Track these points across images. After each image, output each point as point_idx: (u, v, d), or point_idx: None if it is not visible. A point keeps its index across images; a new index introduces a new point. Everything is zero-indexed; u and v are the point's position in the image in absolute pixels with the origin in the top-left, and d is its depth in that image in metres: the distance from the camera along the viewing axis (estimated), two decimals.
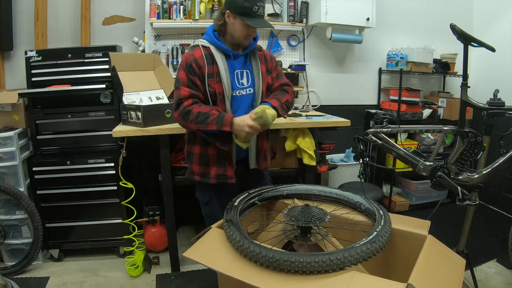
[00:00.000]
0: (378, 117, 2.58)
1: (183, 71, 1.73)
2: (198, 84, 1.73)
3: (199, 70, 1.72)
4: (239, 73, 1.80)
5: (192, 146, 1.86)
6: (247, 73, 1.82)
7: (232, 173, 1.82)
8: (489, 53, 1.85)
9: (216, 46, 1.75)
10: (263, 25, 1.73)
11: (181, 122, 1.75)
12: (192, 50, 1.76)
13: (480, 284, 2.15)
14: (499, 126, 2.00)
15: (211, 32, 1.78)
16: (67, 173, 2.46)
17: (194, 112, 1.67)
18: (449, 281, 1.12)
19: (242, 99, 1.81)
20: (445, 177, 1.82)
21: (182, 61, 1.75)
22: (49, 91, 2.40)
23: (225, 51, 1.76)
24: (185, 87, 1.72)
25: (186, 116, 1.68)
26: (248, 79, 1.82)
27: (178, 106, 1.71)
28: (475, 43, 1.75)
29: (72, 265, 2.52)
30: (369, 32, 3.30)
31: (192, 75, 1.72)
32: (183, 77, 1.72)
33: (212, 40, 1.76)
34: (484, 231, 2.86)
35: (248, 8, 1.64)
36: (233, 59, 1.78)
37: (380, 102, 3.60)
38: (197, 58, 1.73)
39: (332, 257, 1.05)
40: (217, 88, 1.74)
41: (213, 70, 1.73)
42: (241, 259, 1.15)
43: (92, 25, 2.92)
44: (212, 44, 1.76)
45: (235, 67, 1.79)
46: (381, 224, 1.25)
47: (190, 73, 1.72)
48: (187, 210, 2.81)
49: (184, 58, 1.76)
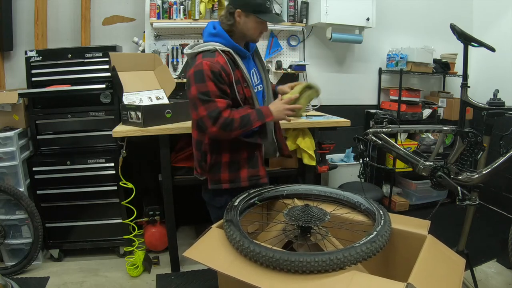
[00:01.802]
0: (378, 117, 2.59)
1: (211, 82, 1.58)
2: (228, 93, 1.65)
3: (227, 77, 1.63)
4: (252, 73, 1.82)
5: (219, 155, 1.74)
6: (255, 71, 1.85)
7: (264, 173, 1.82)
8: (489, 53, 1.85)
9: (235, 49, 1.68)
10: (278, 20, 1.75)
11: (222, 134, 1.62)
12: (212, 57, 1.62)
13: (480, 284, 2.15)
14: (499, 126, 2.00)
15: (224, 33, 1.68)
16: (67, 173, 2.47)
17: (237, 118, 1.60)
18: (449, 280, 1.12)
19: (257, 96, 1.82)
20: (445, 177, 1.82)
21: (205, 70, 1.57)
22: (49, 91, 2.40)
23: (243, 53, 1.74)
24: (219, 99, 1.60)
25: (229, 126, 1.59)
26: (257, 77, 1.84)
27: (217, 120, 1.58)
28: (475, 43, 1.75)
29: (72, 265, 2.52)
30: (369, 32, 3.30)
31: (222, 84, 1.61)
32: (213, 89, 1.58)
33: (230, 43, 1.67)
34: (484, 231, 2.86)
35: (261, 4, 1.64)
36: (248, 60, 1.79)
37: (380, 102, 3.60)
38: (223, 64, 1.61)
39: (332, 257, 1.05)
40: (247, 92, 1.70)
41: (239, 76, 1.68)
42: (241, 258, 1.15)
43: (92, 25, 2.93)
44: (231, 47, 1.67)
45: (250, 67, 1.80)
46: (381, 224, 1.25)
47: (220, 82, 1.60)
48: (187, 210, 2.82)
49: (206, 66, 1.58)
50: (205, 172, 1.79)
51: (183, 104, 2.42)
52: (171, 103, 2.42)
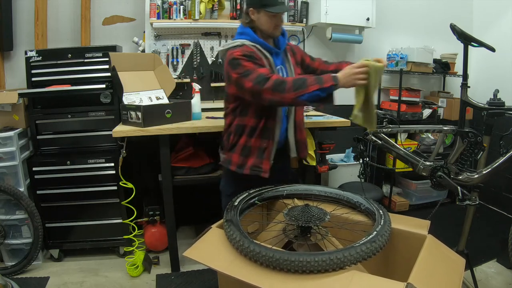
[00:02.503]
0: (378, 117, 2.58)
1: (246, 62, 1.63)
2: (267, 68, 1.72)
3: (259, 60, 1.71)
4: (279, 69, 1.84)
5: (239, 137, 1.82)
6: (282, 68, 1.86)
7: (267, 168, 1.80)
8: (489, 53, 1.85)
9: (261, 45, 1.76)
10: (285, 9, 1.76)
11: (276, 96, 1.57)
12: (240, 47, 1.71)
13: (480, 284, 2.15)
14: (499, 126, 2.00)
15: (251, 32, 1.77)
16: (67, 173, 2.46)
17: (290, 81, 1.57)
18: (449, 280, 1.12)
19: None
20: (445, 177, 1.82)
21: (238, 55, 1.64)
22: (49, 91, 2.40)
23: (269, 49, 1.78)
24: (260, 68, 1.64)
25: (281, 86, 1.55)
26: (283, 74, 1.85)
27: (266, 81, 1.57)
28: (475, 43, 1.75)
29: (72, 265, 2.51)
30: (369, 32, 3.30)
31: (258, 61, 1.68)
32: (250, 66, 1.62)
33: (255, 39, 1.76)
34: (484, 231, 2.86)
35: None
36: (275, 56, 1.82)
37: (380, 102, 3.60)
38: (253, 51, 1.71)
39: (332, 257, 1.05)
40: None
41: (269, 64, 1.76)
42: (241, 258, 1.15)
43: (92, 25, 2.93)
44: (257, 43, 1.76)
45: (277, 64, 1.83)
46: (381, 224, 1.25)
47: (255, 60, 1.67)
48: (187, 210, 2.82)
49: (238, 53, 1.65)
50: (225, 152, 1.90)
51: (183, 104, 2.42)
52: (171, 103, 2.42)
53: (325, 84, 1.54)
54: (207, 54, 3.08)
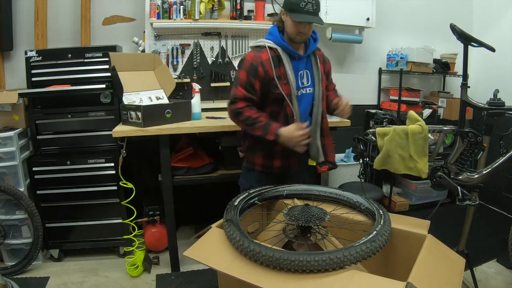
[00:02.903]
0: (378, 117, 2.59)
1: (244, 71, 1.76)
2: (256, 88, 1.77)
3: (265, 73, 1.75)
4: (302, 74, 1.84)
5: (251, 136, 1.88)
6: (307, 73, 1.87)
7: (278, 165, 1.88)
8: (489, 53, 1.86)
9: (283, 47, 1.78)
10: (308, 19, 1.70)
11: (233, 118, 1.83)
12: (258, 52, 1.78)
13: (480, 284, 2.15)
14: (499, 126, 2.00)
15: (276, 32, 1.80)
16: (67, 173, 2.46)
17: (245, 114, 1.75)
18: (448, 280, 1.12)
19: (304, 98, 1.86)
20: (445, 177, 1.82)
21: (247, 60, 1.77)
22: (49, 91, 2.40)
23: (291, 53, 1.79)
24: (241, 88, 1.76)
25: (237, 116, 1.78)
26: (308, 79, 1.87)
27: (232, 104, 1.79)
28: (475, 43, 1.75)
29: (72, 265, 2.52)
30: (369, 32, 3.30)
31: (253, 78, 1.75)
32: (243, 77, 1.76)
33: (279, 41, 1.78)
34: (484, 231, 2.86)
35: (295, 3, 1.67)
36: (298, 60, 1.82)
37: (380, 102, 3.60)
38: (264, 61, 1.76)
39: (332, 256, 1.05)
40: (285, 89, 1.77)
41: (280, 72, 1.77)
42: (241, 258, 1.15)
43: (92, 25, 2.92)
44: (279, 45, 1.78)
45: (299, 68, 1.83)
46: (381, 224, 1.25)
47: (252, 75, 1.75)
48: (187, 210, 2.82)
49: (249, 58, 1.78)
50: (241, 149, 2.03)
51: (183, 104, 2.42)
52: (171, 103, 2.42)
53: (267, 135, 1.73)
54: (207, 54, 3.07)
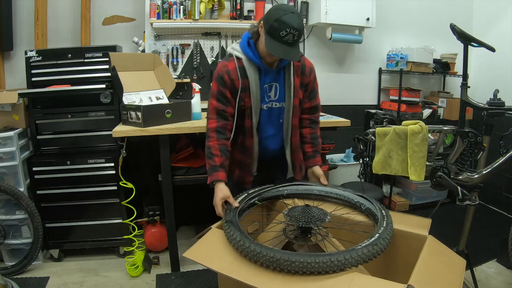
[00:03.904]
0: (378, 117, 2.59)
1: (215, 82, 1.69)
2: (228, 97, 1.68)
3: (231, 82, 1.66)
4: (268, 87, 1.71)
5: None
6: (276, 86, 1.71)
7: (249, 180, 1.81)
8: (489, 53, 1.85)
9: (248, 57, 1.64)
10: (281, 54, 1.51)
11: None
12: (226, 61, 1.69)
13: (480, 284, 2.15)
14: (499, 126, 2.00)
15: (245, 40, 1.66)
16: (67, 173, 2.46)
17: (208, 143, 1.67)
18: (449, 282, 1.12)
19: (271, 112, 1.74)
20: (445, 177, 1.82)
21: (216, 70, 1.71)
22: (49, 91, 2.40)
23: (257, 64, 1.65)
24: (214, 99, 1.69)
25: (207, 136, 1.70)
26: (276, 93, 1.72)
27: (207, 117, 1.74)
28: (475, 43, 1.75)
29: (72, 265, 2.51)
30: (369, 32, 3.30)
31: (222, 87, 1.67)
32: (214, 88, 1.69)
33: (245, 51, 1.65)
34: (484, 231, 2.86)
35: (276, 29, 1.46)
36: (265, 72, 1.68)
37: (380, 102, 3.60)
38: (230, 70, 1.66)
39: (333, 258, 1.04)
40: (247, 102, 1.68)
41: (246, 84, 1.66)
42: (241, 259, 1.15)
43: (92, 25, 2.92)
44: (245, 55, 1.65)
45: (266, 81, 1.69)
46: (383, 226, 1.25)
47: (221, 84, 1.67)
48: (187, 210, 2.82)
49: (217, 68, 1.70)
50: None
51: (183, 104, 2.42)
52: (171, 103, 2.42)
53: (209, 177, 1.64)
54: (207, 54, 3.07)
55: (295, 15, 1.48)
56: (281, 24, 1.45)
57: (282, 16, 1.46)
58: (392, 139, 1.83)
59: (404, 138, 1.80)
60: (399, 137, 1.81)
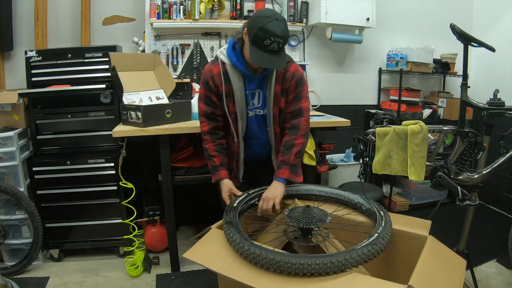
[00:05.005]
0: (378, 117, 2.58)
1: (202, 86, 1.74)
2: (215, 101, 1.71)
3: (216, 88, 1.69)
4: (251, 94, 1.71)
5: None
6: (259, 93, 1.71)
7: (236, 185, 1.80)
8: (489, 53, 1.85)
9: (232, 63, 1.64)
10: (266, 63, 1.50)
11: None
12: (212, 65, 1.71)
13: (480, 284, 2.15)
14: (499, 126, 2.00)
15: (230, 45, 1.66)
16: (67, 173, 2.46)
17: (205, 145, 1.76)
18: (449, 282, 1.12)
19: (256, 119, 1.77)
20: (445, 177, 1.82)
21: (202, 74, 1.74)
22: (49, 91, 2.40)
23: (241, 70, 1.65)
24: (202, 103, 1.75)
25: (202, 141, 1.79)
26: (259, 100, 1.73)
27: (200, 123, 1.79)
28: (475, 43, 1.75)
29: (72, 265, 2.51)
30: (369, 32, 3.29)
31: (208, 92, 1.71)
32: (201, 91, 1.74)
33: (230, 56, 1.65)
34: (484, 231, 2.86)
35: (260, 38, 1.45)
36: (249, 79, 1.69)
37: (380, 102, 3.60)
38: (215, 75, 1.67)
39: (333, 259, 1.04)
40: (232, 107, 1.69)
41: (229, 90, 1.67)
42: (241, 260, 1.15)
43: (92, 25, 2.92)
44: (229, 60, 1.65)
45: (250, 87, 1.70)
46: (382, 226, 1.25)
47: (207, 89, 1.71)
48: (187, 210, 2.82)
49: (204, 71, 1.74)
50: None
51: (183, 104, 2.42)
52: (171, 103, 2.42)
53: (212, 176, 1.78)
54: (207, 54, 3.07)
55: (279, 22, 1.46)
56: (265, 32, 1.43)
57: (266, 24, 1.43)
58: (392, 139, 1.83)
59: (404, 138, 1.80)
60: (399, 137, 1.81)
